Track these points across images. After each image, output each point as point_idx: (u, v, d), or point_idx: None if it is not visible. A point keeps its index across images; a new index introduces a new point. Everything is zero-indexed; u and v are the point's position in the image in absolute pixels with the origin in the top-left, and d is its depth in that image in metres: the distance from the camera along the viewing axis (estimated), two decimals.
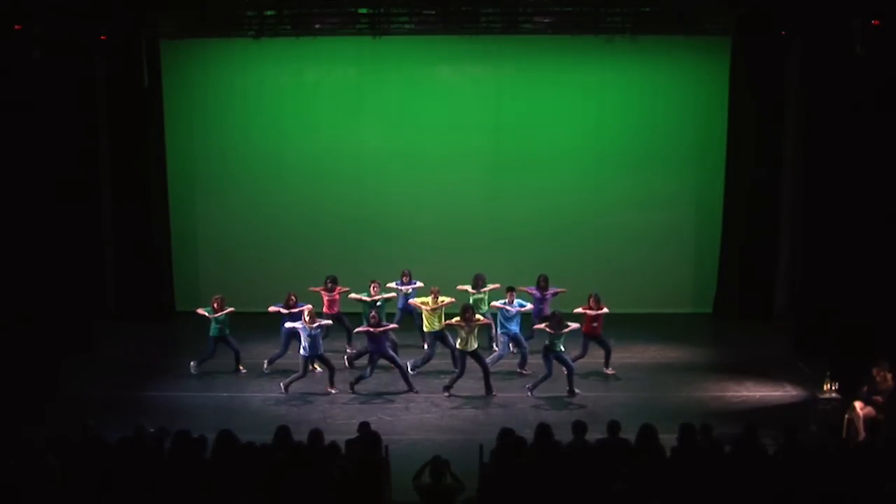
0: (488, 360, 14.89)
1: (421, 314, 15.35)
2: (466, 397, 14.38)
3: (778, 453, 9.75)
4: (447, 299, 15.07)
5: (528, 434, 10.11)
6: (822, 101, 15.63)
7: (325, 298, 16.12)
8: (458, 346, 14.44)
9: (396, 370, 14.79)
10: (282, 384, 14.49)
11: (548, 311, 15.51)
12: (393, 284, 16.23)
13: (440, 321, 14.99)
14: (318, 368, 14.97)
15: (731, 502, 8.73)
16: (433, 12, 17.11)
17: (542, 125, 18.77)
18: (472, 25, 17.50)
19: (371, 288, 15.79)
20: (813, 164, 16.24)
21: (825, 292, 15.27)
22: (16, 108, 14.55)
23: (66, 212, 16.01)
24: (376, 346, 14.45)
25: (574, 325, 14.41)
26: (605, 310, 15.06)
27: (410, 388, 14.54)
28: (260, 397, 14.39)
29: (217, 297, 15.48)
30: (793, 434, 9.80)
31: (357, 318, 15.80)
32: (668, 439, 9.99)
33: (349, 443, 10.14)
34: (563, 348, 14.26)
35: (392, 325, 15.01)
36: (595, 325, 15.08)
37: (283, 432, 9.93)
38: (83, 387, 14.47)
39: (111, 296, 18.67)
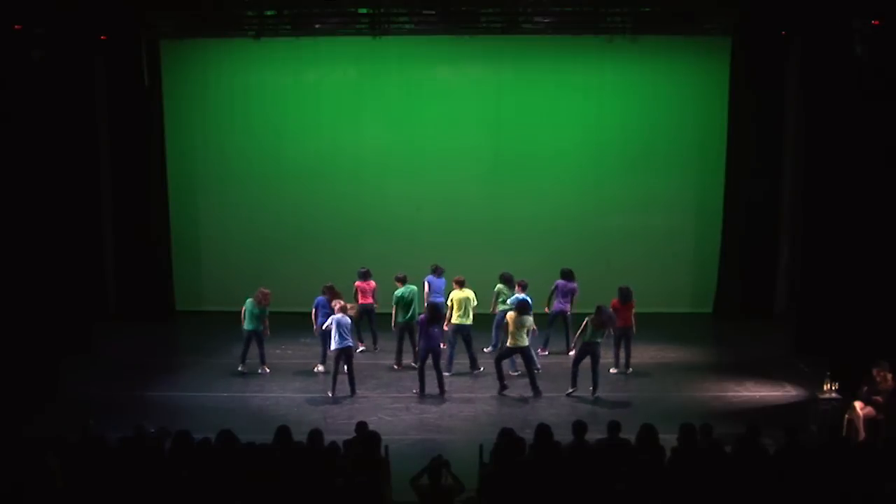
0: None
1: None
2: (466, 397, 14.37)
3: (778, 453, 9.75)
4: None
5: (528, 434, 10.11)
6: (822, 101, 15.62)
7: (361, 292, 16.19)
8: (521, 343, 14.34)
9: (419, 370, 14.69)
10: (329, 393, 14.32)
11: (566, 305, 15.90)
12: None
13: (467, 315, 15.15)
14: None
15: (732, 502, 8.72)
16: (433, 12, 17.12)
17: (542, 125, 18.78)
18: (472, 25, 17.51)
19: (397, 283, 15.75)
20: (813, 164, 16.23)
21: (825, 292, 15.27)
22: (16, 108, 14.54)
23: (66, 212, 16.01)
24: (433, 343, 14.36)
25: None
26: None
27: (421, 392, 14.46)
28: (260, 397, 14.38)
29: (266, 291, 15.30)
30: (793, 434, 9.80)
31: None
32: (668, 439, 9.99)
33: (347, 443, 10.14)
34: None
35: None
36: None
37: (283, 432, 9.93)
38: (83, 387, 14.47)
39: (111, 296, 18.68)
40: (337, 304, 14.41)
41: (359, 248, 18.59)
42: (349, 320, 14.35)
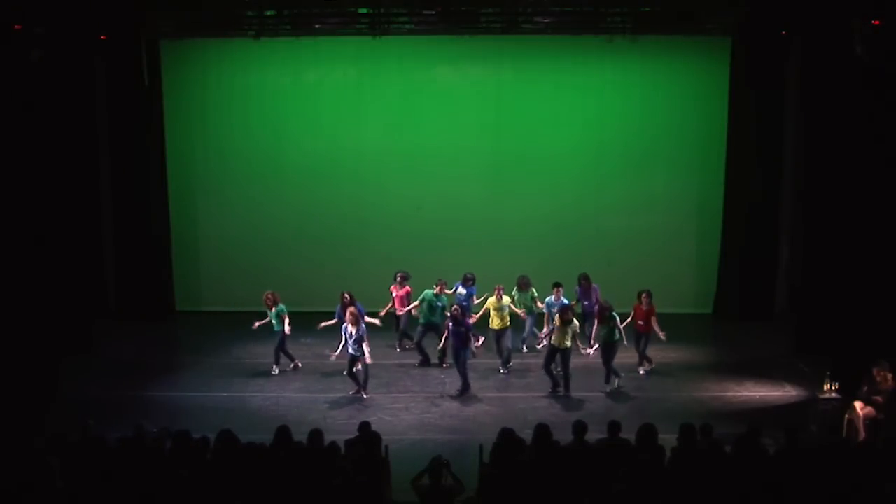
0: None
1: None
2: (467, 397, 14.36)
3: (778, 453, 9.74)
4: (509, 299, 15.42)
5: (528, 434, 10.11)
6: (822, 101, 15.62)
7: (397, 297, 16.25)
8: (554, 342, 14.42)
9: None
10: (363, 394, 14.36)
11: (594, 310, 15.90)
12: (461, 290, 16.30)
13: (505, 320, 15.22)
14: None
15: (732, 502, 8.72)
16: (433, 12, 17.09)
17: (543, 125, 18.76)
18: (472, 25, 17.50)
19: (438, 288, 15.80)
20: (813, 164, 16.24)
21: (825, 292, 15.28)
22: (16, 108, 14.53)
23: (66, 212, 16.00)
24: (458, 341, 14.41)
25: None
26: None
27: (465, 390, 14.47)
28: (260, 397, 14.38)
29: (268, 293, 15.31)
30: (793, 434, 9.80)
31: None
32: (668, 439, 9.99)
33: (349, 443, 10.14)
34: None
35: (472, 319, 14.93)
36: (641, 322, 15.18)
37: (283, 432, 9.94)
38: (83, 387, 14.48)
39: (111, 296, 18.67)
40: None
41: (359, 248, 18.62)
42: None
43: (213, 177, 19.09)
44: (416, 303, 15.97)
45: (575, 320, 14.50)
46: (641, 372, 15.40)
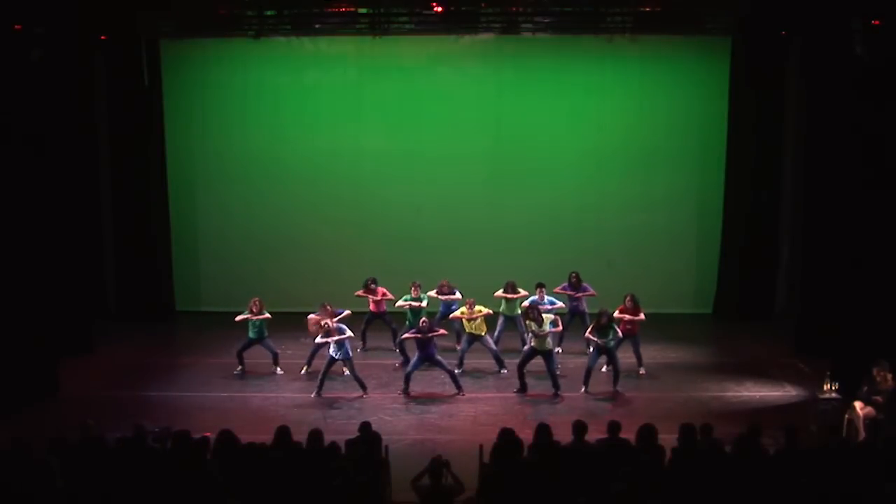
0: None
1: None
2: (467, 397, 14.36)
3: (778, 453, 9.74)
4: (484, 310, 15.19)
5: (528, 434, 10.11)
6: (822, 102, 15.62)
7: (370, 300, 16.25)
8: (534, 344, 14.34)
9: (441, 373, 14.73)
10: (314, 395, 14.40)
11: (583, 308, 16.01)
12: (432, 294, 16.15)
13: (479, 328, 15.21)
14: (346, 371, 14.92)
15: (732, 502, 8.72)
16: (433, 12, 17.09)
17: (543, 126, 18.75)
18: (472, 25, 17.50)
19: (412, 290, 15.83)
20: (813, 164, 16.23)
21: (825, 292, 15.27)
22: (16, 108, 14.52)
23: (66, 212, 16.00)
24: (425, 352, 14.32)
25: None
26: (642, 316, 15.11)
27: (459, 391, 14.43)
28: (260, 397, 14.38)
29: (255, 299, 15.33)
30: (793, 434, 9.79)
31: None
32: (668, 439, 9.99)
33: (349, 443, 10.14)
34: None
35: (441, 332, 14.73)
36: (630, 326, 15.10)
37: (283, 432, 9.93)
38: (83, 387, 14.47)
39: (111, 296, 18.68)
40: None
41: (358, 248, 18.60)
42: None
43: (213, 176, 19.09)
44: (405, 302, 15.98)
45: (552, 316, 14.35)
46: (642, 371, 15.40)
